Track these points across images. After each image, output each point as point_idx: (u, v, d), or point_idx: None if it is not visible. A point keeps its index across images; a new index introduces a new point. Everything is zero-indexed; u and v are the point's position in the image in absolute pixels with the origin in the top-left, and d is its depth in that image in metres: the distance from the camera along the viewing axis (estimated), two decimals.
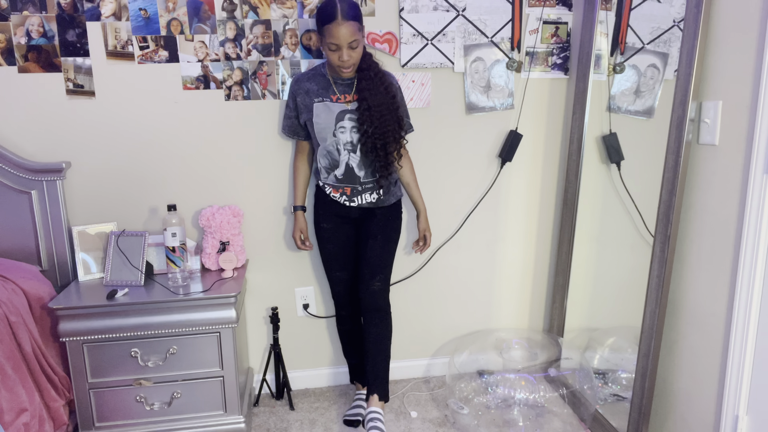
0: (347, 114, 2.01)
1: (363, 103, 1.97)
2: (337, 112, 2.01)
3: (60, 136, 2.15)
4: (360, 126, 1.99)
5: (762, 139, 1.48)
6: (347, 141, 2.02)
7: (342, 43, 1.87)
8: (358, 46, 1.91)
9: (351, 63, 1.93)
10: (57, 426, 1.89)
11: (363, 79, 1.99)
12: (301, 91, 2.05)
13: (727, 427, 1.64)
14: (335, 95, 2.02)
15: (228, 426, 2.01)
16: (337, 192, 2.09)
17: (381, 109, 1.97)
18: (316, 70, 2.07)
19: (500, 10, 2.29)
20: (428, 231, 2.24)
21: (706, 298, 1.70)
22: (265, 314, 2.43)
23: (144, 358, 1.94)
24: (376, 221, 2.13)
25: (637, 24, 2.05)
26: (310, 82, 2.05)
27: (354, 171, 2.05)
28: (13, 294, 1.82)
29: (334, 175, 2.07)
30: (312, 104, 2.02)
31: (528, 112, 2.40)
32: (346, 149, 2.03)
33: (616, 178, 2.19)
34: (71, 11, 2.07)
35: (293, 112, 2.10)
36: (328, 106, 2.01)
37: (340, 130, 2.01)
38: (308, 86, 2.04)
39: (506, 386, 2.27)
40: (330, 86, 2.02)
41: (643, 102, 2.04)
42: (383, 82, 2.01)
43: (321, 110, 2.01)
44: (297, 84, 2.07)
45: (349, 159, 2.04)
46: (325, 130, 2.02)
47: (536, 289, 2.59)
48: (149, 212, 2.27)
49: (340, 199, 2.09)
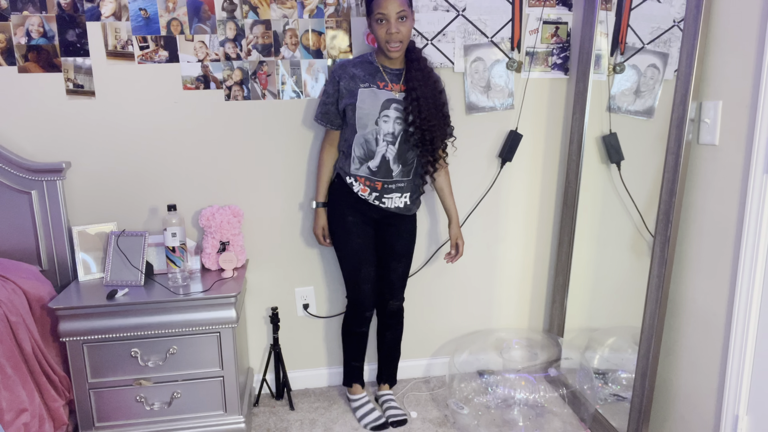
0: (393, 103, 1.95)
1: (412, 93, 1.93)
2: (383, 100, 1.95)
3: (60, 136, 2.15)
4: (406, 117, 1.94)
5: (762, 139, 1.48)
6: (388, 132, 1.96)
7: (390, 14, 1.83)
8: (407, 20, 1.87)
9: (400, 38, 1.87)
10: (57, 426, 1.89)
11: (412, 69, 1.96)
12: (346, 75, 1.98)
13: (727, 427, 1.64)
14: (383, 82, 1.96)
15: (228, 426, 2.01)
16: (367, 189, 2.01)
17: (429, 102, 1.94)
18: (363, 58, 2.02)
19: (500, 10, 2.29)
20: (461, 239, 2.19)
21: (706, 298, 1.70)
22: (265, 314, 2.43)
23: (144, 358, 1.94)
24: (401, 239, 2.11)
25: (637, 24, 2.05)
26: (356, 67, 1.99)
27: (389, 164, 1.99)
28: (13, 294, 1.82)
29: (368, 166, 1.99)
30: (357, 89, 1.95)
31: (528, 112, 2.40)
32: (385, 140, 1.97)
33: (616, 178, 2.19)
34: (71, 11, 2.07)
35: (332, 97, 2.02)
36: (374, 93, 1.95)
37: (383, 118, 1.95)
38: (354, 71, 1.98)
39: (506, 386, 2.27)
40: (378, 73, 1.97)
41: (643, 102, 2.04)
42: (432, 77, 1.99)
43: (366, 96, 1.95)
44: (342, 68, 2.00)
45: (387, 151, 1.97)
46: (368, 116, 1.95)
47: (536, 289, 2.59)
48: (149, 212, 2.27)
49: (369, 198, 2.02)
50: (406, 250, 2.14)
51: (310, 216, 2.36)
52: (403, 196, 2.05)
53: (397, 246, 2.12)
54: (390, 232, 2.11)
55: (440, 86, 2.03)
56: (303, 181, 2.33)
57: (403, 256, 2.14)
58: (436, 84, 2.00)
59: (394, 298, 2.19)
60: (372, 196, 2.02)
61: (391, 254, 2.12)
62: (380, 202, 2.03)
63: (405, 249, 2.14)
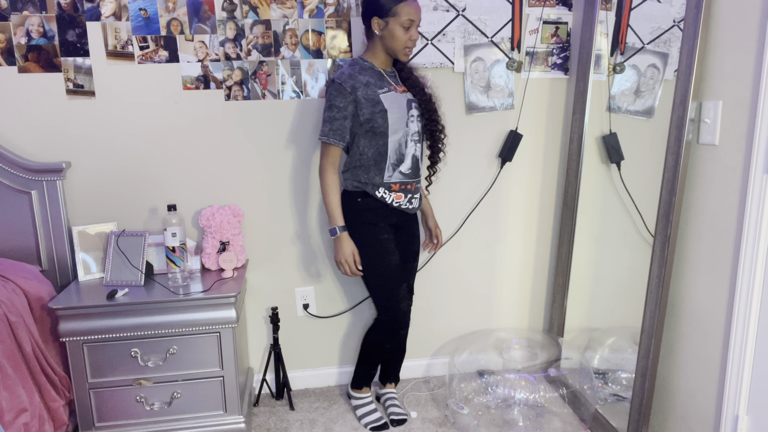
0: (413, 103, 1.99)
1: (417, 90, 1.99)
2: (405, 101, 1.96)
3: (60, 136, 2.15)
4: (423, 113, 2.00)
5: (762, 139, 1.48)
6: (415, 131, 1.98)
7: (417, 19, 1.88)
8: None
9: (415, 44, 1.94)
10: (57, 426, 1.89)
11: (402, 70, 2.02)
12: (359, 84, 1.88)
13: (727, 427, 1.64)
14: (392, 85, 1.95)
15: (228, 426, 2.01)
16: (401, 195, 1.97)
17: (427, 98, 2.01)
18: (360, 64, 1.94)
19: (500, 10, 2.29)
20: (438, 228, 2.25)
21: (706, 298, 1.70)
22: (265, 314, 2.43)
23: (144, 358, 1.94)
24: (416, 239, 2.15)
25: (637, 24, 2.05)
26: (363, 75, 1.90)
27: (418, 163, 2.02)
28: (13, 294, 1.82)
29: (400, 171, 1.95)
30: (378, 96, 1.88)
31: (528, 112, 2.40)
32: (413, 140, 1.97)
33: (616, 178, 2.19)
34: (71, 11, 2.07)
35: (344, 111, 1.88)
36: (395, 96, 1.92)
37: (410, 119, 1.96)
38: (365, 79, 1.90)
39: (506, 386, 2.27)
40: (384, 78, 1.95)
41: (643, 102, 2.04)
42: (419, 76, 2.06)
43: (392, 100, 1.90)
44: (351, 79, 1.88)
45: (415, 150, 1.99)
46: (400, 120, 1.91)
47: (536, 289, 2.59)
48: (149, 212, 2.27)
49: (404, 204, 1.99)
50: (419, 249, 2.20)
51: (311, 216, 2.36)
52: (417, 194, 2.08)
53: (414, 246, 2.16)
54: (406, 234, 2.12)
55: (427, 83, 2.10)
56: (303, 181, 2.33)
57: (418, 255, 2.19)
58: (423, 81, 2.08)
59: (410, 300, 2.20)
60: (406, 199, 2.02)
61: (408, 256, 2.15)
62: (410, 204, 2.05)
63: (418, 248, 2.19)
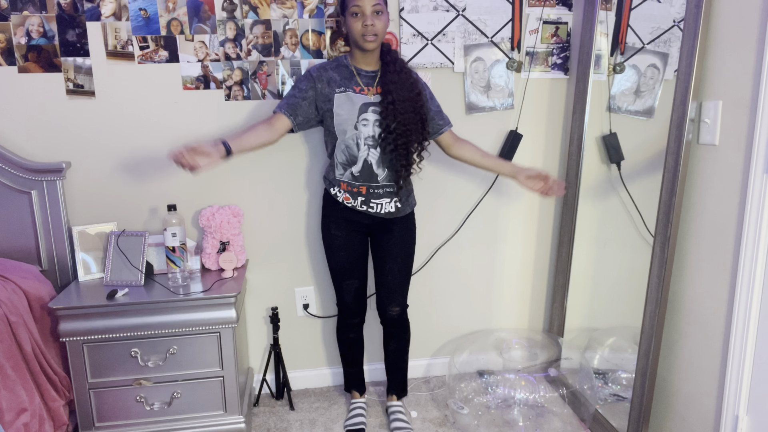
0: (371, 106, 1.90)
1: (387, 96, 1.87)
2: (360, 104, 1.89)
3: (60, 136, 2.15)
4: (382, 120, 1.88)
5: (762, 139, 1.48)
6: (369, 135, 1.90)
7: (365, 7, 1.80)
8: (383, 15, 1.84)
9: (375, 31, 1.83)
10: (57, 426, 1.89)
11: (388, 72, 1.90)
12: (323, 78, 1.93)
13: (727, 427, 1.64)
14: (358, 86, 1.92)
15: (228, 426, 2.01)
16: (351, 197, 1.96)
17: (405, 105, 1.88)
18: (339, 61, 1.97)
19: (500, 10, 2.29)
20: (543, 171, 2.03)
21: (706, 298, 1.70)
22: (265, 314, 2.43)
23: (144, 358, 1.94)
24: (394, 239, 2.03)
25: (637, 24, 2.05)
26: (332, 71, 1.94)
27: (372, 168, 1.93)
28: (13, 294, 1.82)
29: (351, 171, 1.94)
30: (333, 95, 1.91)
31: (528, 112, 2.40)
32: (366, 144, 1.91)
33: (616, 178, 2.19)
34: (71, 11, 2.07)
35: (303, 93, 1.93)
36: (350, 97, 1.90)
37: (362, 122, 1.90)
38: (331, 75, 1.93)
39: (506, 386, 2.27)
40: (353, 77, 1.92)
41: (643, 102, 2.04)
42: (409, 77, 1.93)
43: (343, 101, 1.90)
44: (319, 70, 1.94)
45: (369, 155, 1.92)
46: (347, 122, 1.90)
47: (536, 289, 2.59)
48: (149, 212, 2.27)
49: (355, 204, 1.96)
50: (402, 250, 2.06)
51: (311, 216, 2.36)
52: (393, 200, 1.99)
53: (392, 247, 2.04)
54: (384, 234, 2.04)
55: (418, 87, 1.94)
56: (303, 181, 2.33)
57: (399, 256, 2.05)
58: (413, 85, 1.93)
59: (392, 303, 2.09)
60: (357, 201, 1.97)
61: (387, 256, 2.05)
62: (368, 207, 1.97)
63: (401, 249, 2.05)
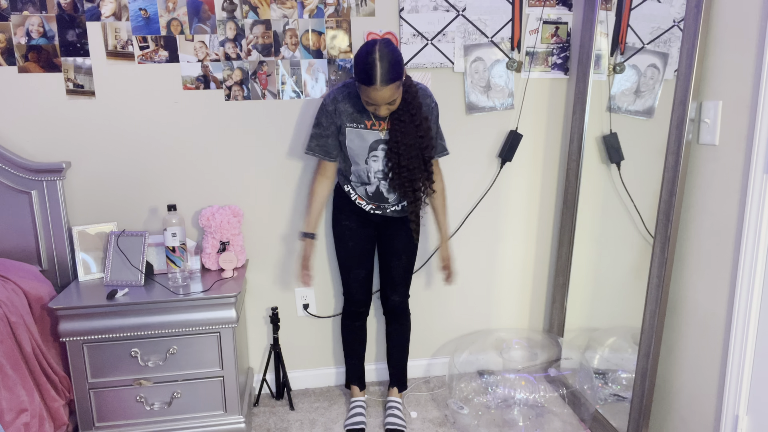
0: (381, 144, 1.95)
1: (394, 135, 1.89)
2: (370, 142, 1.94)
3: (60, 136, 2.15)
4: (388, 161, 1.93)
5: (762, 139, 1.48)
6: (378, 169, 1.98)
7: (379, 104, 1.80)
8: (397, 100, 1.83)
9: (387, 114, 1.86)
10: (57, 426, 1.89)
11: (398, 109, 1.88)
12: (338, 111, 1.94)
13: (727, 427, 1.64)
14: (370, 121, 1.94)
15: (228, 426, 2.01)
16: (364, 201, 2.05)
17: (410, 149, 1.90)
18: (349, 89, 1.94)
19: (500, 10, 2.29)
20: (450, 260, 2.15)
21: (706, 298, 1.70)
22: (265, 314, 2.43)
23: (144, 358, 1.94)
24: (400, 236, 2.10)
25: (637, 24, 2.05)
26: (345, 102, 1.93)
27: (383, 194, 2.02)
28: (13, 294, 1.82)
29: (365, 189, 2.03)
30: (345, 127, 1.95)
31: (528, 112, 2.40)
32: (376, 177, 1.99)
33: (616, 178, 2.19)
34: (71, 11, 2.07)
35: (327, 130, 1.97)
36: (361, 134, 1.94)
37: (372, 158, 1.96)
38: (343, 107, 1.93)
39: (506, 386, 2.27)
40: (365, 111, 1.92)
41: (643, 102, 2.04)
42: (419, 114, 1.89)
43: (354, 137, 1.95)
44: (334, 103, 1.94)
45: (380, 185, 2.01)
46: (359, 156, 1.97)
47: (536, 289, 2.59)
48: (149, 212, 2.27)
49: (365, 208, 2.06)
50: (406, 247, 2.13)
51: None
52: (400, 204, 2.07)
53: (397, 244, 2.12)
54: (390, 231, 2.12)
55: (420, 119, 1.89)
56: (303, 180, 2.33)
57: (403, 253, 2.13)
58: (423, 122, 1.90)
59: (395, 294, 2.19)
60: (368, 207, 2.06)
61: (391, 252, 2.13)
62: (377, 209, 2.07)
63: (405, 246, 2.13)
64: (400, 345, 2.28)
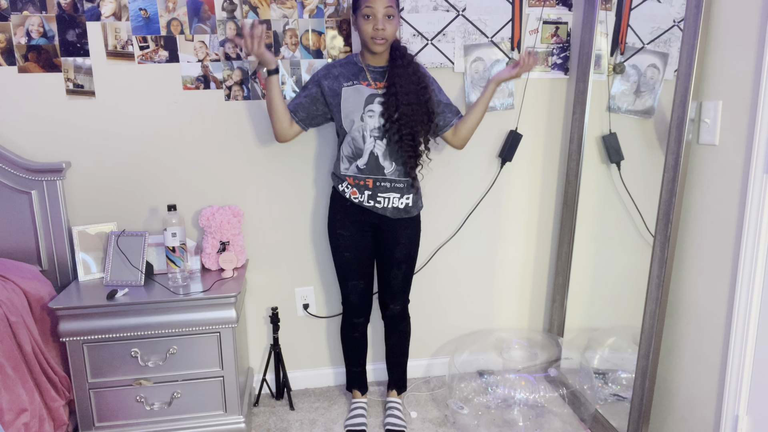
0: (377, 98, 1.94)
1: (391, 87, 1.92)
2: (366, 95, 1.94)
3: (60, 136, 2.15)
4: (384, 111, 1.93)
5: (762, 139, 1.48)
6: (374, 126, 1.95)
7: (377, 11, 1.85)
8: (393, 19, 1.89)
9: (385, 35, 1.88)
10: (57, 426, 1.89)
11: (395, 66, 1.95)
12: (330, 75, 1.99)
13: (727, 427, 1.64)
14: (366, 81, 1.96)
15: (228, 426, 2.01)
16: (358, 191, 1.99)
17: (409, 96, 1.93)
18: (348, 59, 2.03)
19: (500, 10, 2.29)
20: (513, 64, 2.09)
21: (706, 298, 1.70)
22: (265, 314, 2.43)
23: (144, 358, 1.94)
24: (401, 245, 2.07)
25: (637, 24, 2.05)
26: (341, 68, 2.00)
27: (378, 160, 1.96)
28: (13, 294, 1.82)
29: (356, 165, 1.98)
30: (341, 88, 1.96)
31: (528, 112, 2.40)
32: (372, 135, 1.95)
33: (616, 178, 2.19)
34: (71, 11, 2.07)
35: (308, 91, 2.02)
36: (357, 89, 1.95)
37: (368, 113, 1.95)
38: (338, 71, 1.99)
39: (506, 386, 2.27)
40: (362, 72, 1.97)
41: (643, 102, 2.04)
42: (417, 72, 1.97)
43: (350, 93, 1.95)
44: (326, 69, 2.02)
45: (375, 147, 1.96)
46: (353, 113, 1.95)
47: (536, 289, 2.59)
48: (149, 212, 2.27)
49: (362, 200, 2.00)
50: (406, 256, 2.10)
51: (311, 216, 2.36)
52: (404, 197, 2.01)
53: (397, 253, 2.08)
54: (389, 239, 2.07)
55: (424, 81, 1.98)
56: (303, 180, 2.33)
57: (403, 262, 2.10)
58: (419, 79, 1.97)
59: (394, 302, 2.16)
60: (364, 196, 1.99)
61: (391, 261, 2.10)
62: (375, 202, 1.99)
63: (405, 256, 2.10)
64: (400, 349, 2.27)
